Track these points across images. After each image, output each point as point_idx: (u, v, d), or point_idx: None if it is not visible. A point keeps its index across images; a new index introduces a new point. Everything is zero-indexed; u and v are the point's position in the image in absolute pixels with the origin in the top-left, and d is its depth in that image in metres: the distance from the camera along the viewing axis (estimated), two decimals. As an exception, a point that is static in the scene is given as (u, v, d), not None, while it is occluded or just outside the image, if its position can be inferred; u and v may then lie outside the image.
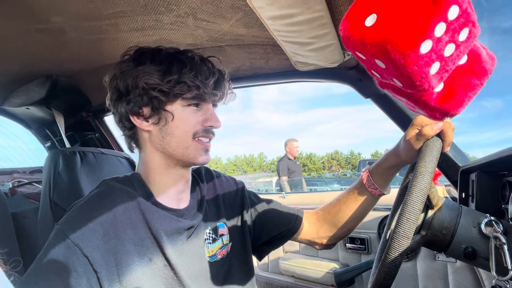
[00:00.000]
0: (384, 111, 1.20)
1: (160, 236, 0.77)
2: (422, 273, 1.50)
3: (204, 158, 0.83)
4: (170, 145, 0.80)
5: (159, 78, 0.77)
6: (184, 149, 0.80)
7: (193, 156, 0.81)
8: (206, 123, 0.82)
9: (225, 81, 0.86)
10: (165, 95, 0.78)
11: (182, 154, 0.80)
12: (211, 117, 0.83)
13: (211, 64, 0.84)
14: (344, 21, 0.44)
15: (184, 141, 0.80)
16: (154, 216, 0.78)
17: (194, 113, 0.81)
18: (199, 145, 0.81)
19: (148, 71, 0.77)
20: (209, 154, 0.84)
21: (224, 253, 0.91)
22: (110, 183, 0.81)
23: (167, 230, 0.79)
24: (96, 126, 1.74)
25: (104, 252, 0.69)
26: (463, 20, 0.41)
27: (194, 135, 0.80)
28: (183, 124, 0.80)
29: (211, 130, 0.84)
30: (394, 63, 0.41)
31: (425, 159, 0.65)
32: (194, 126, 0.80)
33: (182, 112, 0.80)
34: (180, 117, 0.80)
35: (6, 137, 1.91)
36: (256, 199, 1.05)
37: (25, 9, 0.84)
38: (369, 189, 0.91)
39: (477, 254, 0.70)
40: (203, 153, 0.82)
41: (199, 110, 0.82)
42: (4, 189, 1.40)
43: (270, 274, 2.18)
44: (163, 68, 0.78)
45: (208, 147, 0.84)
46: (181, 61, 0.79)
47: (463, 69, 0.47)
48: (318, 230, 1.02)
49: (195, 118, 0.81)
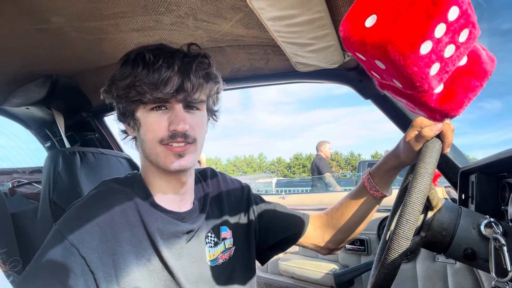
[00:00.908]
0: (384, 112, 1.20)
1: (156, 239, 0.76)
2: (422, 274, 1.50)
3: (176, 164, 0.75)
4: (146, 152, 0.78)
5: (115, 85, 0.75)
6: (155, 156, 0.76)
7: (164, 163, 0.76)
8: (170, 127, 0.74)
9: (191, 74, 0.74)
10: (124, 102, 0.75)
11: (156, 161, 0.77)
12: (174, 120, 0.74)
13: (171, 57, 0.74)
14: (344, 22, 0.44)
15: (153, 148, 0.76)
16: (152, 218, 0.77)
17: (159, 117, 0.75)
18: (168, 151, 0.75)
19: (114, 78, 0.76)
20: (186, 159, 0.76)
21: (226, 257, 0.90)
22: (109, 184, 0.80)
23: (164, 232, 0.78)
24: (96, 127, 1.74)
25: (101, 253, 0.69)
26: (463, 21, 0.41)
27: (160, 142, 0.75)
28: (148, 130, 0.76)
29: (179, 134, 0.74)
30: (394, 64, 0.41)
31: (424, 160, 0.65)
32: (159, 131, 0.74)
33: (147, 118, 0.76)
34: (146, 123, 0.76)
35: (6, 137, 1.91)
36: (262, 203, 1.03)
37: (25, 9, 0.84)
38: (370, 192, 0.91)
39: (477, 255, 0.70)
40: (174, 159, 0.75)
41: (166, 112, 0.75)
42: (3, 189, 1.41)
43: (269, 275, 2.18)
44: (123, 73, 0.74)
45: (180, 151, 0.75)
46: (136, 63, 0.73)
47: (463, 70, 0.47)
48: (323, 235, 1.01)
49: (158, 123, 0.75)
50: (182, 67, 0.74)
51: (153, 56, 0.73)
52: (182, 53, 0.77)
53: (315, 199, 2.16)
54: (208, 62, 0.80)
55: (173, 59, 0.74)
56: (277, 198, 2.29)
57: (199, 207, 0.88)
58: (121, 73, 0.75)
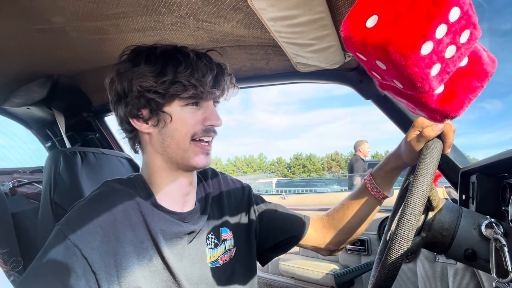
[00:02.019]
0: (384, 113, 1.20)
1: (158, 239, 0.76)
2: (422, 275, 1.50)
3: (204, 161, 0.80)
4: (170, 147, 0.78)
5: (153, 80, 0.75)
6: (183, 152, 0.78)
7: (192, 159, 0.79)
8: (206, 122, 0.79)
9: (225, 76, 0.82)
10: (161, 97, 0.76)
11: (182, 157, 0.78)
12: (211, 116, 0.80)
13: (209, 59, 0.80)
14: (345, 22, 0.44)
15: (183, 144, 0.78)
16: (154, 218, 0.77)
17: (193, 112, 0.79)
18: (197, 148, 0.79)
19: (143, 73, 0.75)
20: (210, 157, 0.82)
21: (227, 258, 0.89)
22: (112, 184, 0.80)
23: (166, 233, 0.78)
24: (96, 126, 1.74)
25: (103, 254, 0.69)
26: (464, 22, 0.41)
27: (192, 136, 0.78)
28: (182, 125, 0.77)
29: (212, 129, 0.81)
30: (395, 64, 0.41)
31: (425, 160, 0.65)
32: (193, 126, 0.78)
33: (181, 113, 0.78)
34: (179, 118, 0.78)
35: (7, 136, 1.91)
36: (263, 204, 1.03)
37: (26, 9, 0.85)
38: (372, 192, 0.91)
39: (477, 256, 0.70)
40: (202, 156, 0.79)
41: (199, 109, 0.80)
42: (4, 189, 1.41)
43: (270, 275, 2.18)
44: (158, 68, 0.75)
45: (207, 150, 0.81)
46: (176, 59, 0.76)
47: (464, 71, 0.47)
48: (323, 236, 1.00)
49: (194, 118, 0.78)
50: (218, 69, 0.81)
51: (195, 54, 0.78)
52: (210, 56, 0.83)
53: (315, 200, 2.16)
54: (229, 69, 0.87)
55: (211, 60, 0.81)
56: (277, 198, 2.29)
57: (200, 208, 0.88)
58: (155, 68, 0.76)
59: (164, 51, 0.78)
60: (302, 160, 64.45)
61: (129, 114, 0.79)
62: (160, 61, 0.76)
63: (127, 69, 0.77)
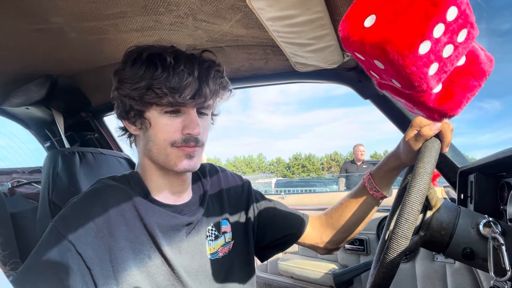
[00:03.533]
0: (383, 112, 1.21)
1: (155, 233, 0.76)
2: (421, 274, 1.51)
3: (186, 165, 0.77)
4: (153, 151, 0.78)
5: (128, 87, 0.74)
6: (165, 157, 0.77)
7: (174, 164, 0.77)
8: (184, 131, 0.75)
9: (209, 81, 0.76)
10: (137, 103, 0.75)
11: (164, 162, 0.77)
12: (190, 124, 0.75)
13: (190, 63, 0.75)
14: (344, 21, 0.45)
15: (164, 149, 0.76)
16: (149, 212, 0.77)
17: (172, 120, 0.76)
18: (180, 152, 0.76)
19: (123, 78, 0.75)
20: (195, 160, 0.78)
21: (226, 251, 0.90)
22: (105, 181, 0.80)
23: (163, 226, 0.78)
24: (95, 127, 1.74)
25: (97, 249, 0.69)
26: (461, 21, 0.41)
27: (172, 144, 0.76)
28: (161, 132, 0.76)
29: (192, 138, 0.76)
30: (393, 64, 0.41)
31: (423, 160, 0.66)
32: (172, 134, 0.75)
33: (159, 120, 0.76)
34: (157, 124, 0.76)
35: (6, 137, 1.91)
36: (262, 199, 1.03)
37: (25, 9, 0.85)
38: (370, 192, 0.91)
39: (476, 255, 0.70)
40: (185, 160, 0.77)
41: (179, 116, 0.76)
42: (3, 189, 1.40)
43: (269, 275, 2.18)
44: (138, 73, 0.74)
45: (191, 152, 0.77)
46: (154, 64, 0.73)
47: (462, 70, 0.48)
48: (321, 235, 1.01)
49: (172, 125, 0.75)
50: (201, 73, 0.75)
51: (174, 60, 0.73)
52: (199, 59, 0.78)
53: (314, 199, 2.16)
54: (223, 70, 0.82)
55: (193, 64, 0.75)
56: (276, 198, 2.29)
57: (198, 200, 0.88)
58: (135, 73, 0.74)
59: (150, 54, 0.75)
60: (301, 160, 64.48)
61: (119, 115, 0.81)
62: (143, 65, 0.74)
63: (118, 71, 0.78)
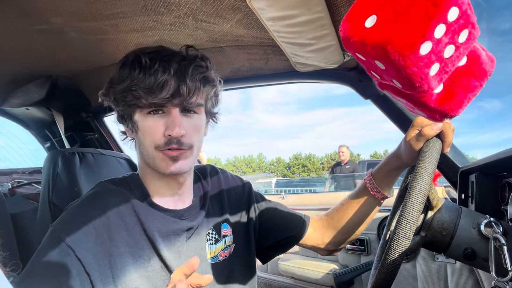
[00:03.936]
0: (384, 112, 1.20)
1: (155, 238, 0.75)
2: (422, 274, 1.50)
3: (172, 168, 0.75)
4: (144, 154, 0.78)
5: (112, 90, 0.75)
6: (152, 160, 0.76)
7: (160, 167, 0.75)
8: (166, 132, 0.73)
9: (187, 78, 0.72)
10: (121, 106, 0.75)
11: (153, 165, 0.77)
12: (170, 124, 0.73)
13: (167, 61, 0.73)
14: (344, 22, 0.44)
15: (150, 152, 0.75)
16: (149, 217, 0.77)
17: (155, 121, 0.74)
18: (163, 156, 0.74)
19: (111, 81, 0.76)
20: (182, 162, 0.76)
21: (227, 254, 0.89)
22: (106, 185, 0.80)
23: (163, 231, 0.77)
24: (95, 127, 1.74)
25: (97, 255, 0.69)
26: (462, 21, 0.41)
27: (156, 148, 0.74)
28: (145, 134, 0.75)
29: (174, 141, 0.73)
30: (393, 64, 0.41)
31: (425, 160, 0.65)
32: (155, 137, 0.74)
33: (144, 122, 0.75)
34: (143, 127, 0.75)
35: (6, 137, 1.91)
36: (263, 202, 1.02)
37: (25, 9, 0.84)
38: (372, 193, 0.91)
39: (477, 255, 0.70)
40: (170, 162, 0.75)
41: (162, 117, 0.74)
42: (3, 189, 1.41)
43: (269, 275, 2.18)
44: (121, 76, 0.73)
45: (175, 155, 0.74)
46: (133, 66, 0.72)
47: (463, 70, 0.48)
48: (322, 236, 1.00)
49: (156, 127, 0.74)
50: (179, 70, 0.73)
51: (149, 60, 0.72)
52: (180, 55, 0.75)
53: (314, 199, 2.16)
54: (206, 65, 0.78)
55: (170, 63, 0.72)
56: (276, 198, 2.29)
57: (199, 205, 0.88)
58: (119, 76, 0.74)
59: (136, 56, 0.74)
60: (302, 160, 64.49)
61: (117, 119, 0.82)
62: (126, 67, 0.74)
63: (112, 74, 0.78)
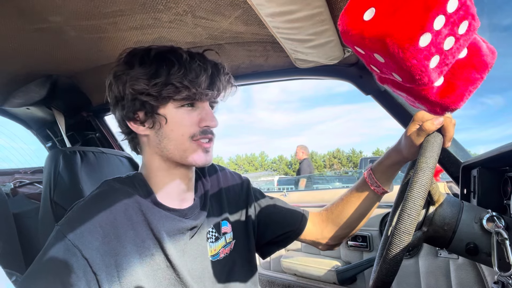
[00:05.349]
0: (385, 108, 1.20)
1: (162, 237, 0.76)
2: (424, 270, 1.50)
3: (204, 159, 0.80)
4: (167, 148, 0.78)
5: (145, 82, 0.75)
6: (182, 152, 0.78)
7: (192, 159, 0.79)
8: (202, 124, 0.78)
9: (220, 76, 0.81)
10: (154, 99, 0.76)
11: (181, 157, 0.79)
12: (206, 117, 0.79)
13: (203, 59, 0.79)
14: (343, 15, 0.44)
15: (181, 144, 0.78)
16: (156, 217, 0.77)
17: (189, 114, 0.78)
18: (197, 147, 0.79)
19: (136, 75, 0.75)
20: (210, 155, 0.81)
21: (227, 251, 0.90)
22: (111, 184, 0.80)
23: (169, 230, 0.78)
24: (96, 126, 1.74)
25: (103, 254, 0.69)
26: (462, 12, 0.40)
27: (191, 138, 0.78)
28: (178, 127, 0.77)
29: (209, 130, 0.80)
30: (393, 57, 0.41)
31: (426, 154, 0.65)
32: (190, 128, 0.78)
33: (176, 115, 0.77)
34: (174, 119, 0.77)
35: (8, 137, 1.92)
36: (261, 197, 1.03)
37: (24, 8, 0.84)
38: (371, 187, 0.91)
39: (479, 249, 0.69)
40: (202, 154, 0.79)
41: (194, 110, 0.79)
42: (5, 189, 1.41)
43: (272, 272, 2.18)
44: (151, 70, 0.75)
45: (207, 147, 0.80)
46: (169, 60, 0.76)
47: (463, 62, 0.47)
48: (322, 231, 1.00)
49: (189, 119, 0.78)
50: (213, 68, 0.79)
51: (188, 55, 0.77)
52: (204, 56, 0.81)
53: (316, 196, 2.16)
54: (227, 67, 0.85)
55: (205, 60, 0.79)
56: (279, 195, 2.29)
57: (200, 203, 0.88)
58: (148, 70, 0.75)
59: (158, 53, 0.77)
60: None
61: (125, 117, 0.79)
62: (154, 63, 0.76)
63: (122, 72, 0.77)
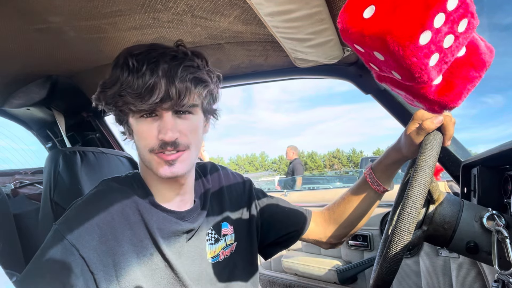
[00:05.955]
0: (384, 107, 1.20)
1: (157, 238, 0.75)
2: (425, 269, 1.50)
3: (169, 172, 0.73)
4: (140, 157, 0.77)
5: (102, 93, 0.73)
6: (148, 163, 0.75)
7: (157, 171, 0.73)
8: (159, 136, 0.71)
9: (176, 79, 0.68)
10: (114, 110, 0.74)
11: (150, 168, 0.75)
12: (162, 129, 0.70)
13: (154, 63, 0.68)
14: (342, 13, 0.44)
15: (144, 156, 0.74)
16: (153, 217, 0.77)
17: (148, 125, 0.71)
18: (159, 160, 0.73)
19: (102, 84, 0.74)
20: (177, 166, 0.73)
21: (228, 253, 0.89)
22: (109, 183, 0.80)
23: (164, 231, 0.77)
24: (96, 126, 1.74)
25: (101, 253, 0.69)
26: (462, 10, 0.40)
27: (150, 151, 0.72)
28: (139, 138, 0.74)
29: (170, 143, 0.71)
30: (393, 55, 0.41)
31: (425, 153, 0.65)
32: (148, 140, 0.72)
33: (137, 125, 0.73)
34: (137, 130, 0.73)
35: (8, 138, 1.92)
36: (264, 198, 1.02)
37: (24, 9, 0.84)
38: (372, 186, 0.91)
39: (480, 248, 0.69)
40: (166, 167, 0.73)
41: (156, 120, 0.72)
42: (6, 190, 1.41)
43: (273, 272, 2.18)
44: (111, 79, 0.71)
45: (171, 160, 0.72)
46: (121, 68, 0.69)
47: (462, 61, 0.47)
48: (324, 230, 1.00)
49: (148, 131, 0.71)
50: (168, 72, 0.68)
51: (136, 62, 0.68)
52: (170, 55, 0.71)
53: (317, 196, 2.16)
54: (197, 64, 0.74)
55: (158, 64, 0.68)
56: (279, 195, 2.29)
57: (200, 205, 0.87)
58: (110, 79, 0.71)
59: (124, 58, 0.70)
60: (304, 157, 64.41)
61: (115, 120, 0.80)
62: (114, 69, 0.71)
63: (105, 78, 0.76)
